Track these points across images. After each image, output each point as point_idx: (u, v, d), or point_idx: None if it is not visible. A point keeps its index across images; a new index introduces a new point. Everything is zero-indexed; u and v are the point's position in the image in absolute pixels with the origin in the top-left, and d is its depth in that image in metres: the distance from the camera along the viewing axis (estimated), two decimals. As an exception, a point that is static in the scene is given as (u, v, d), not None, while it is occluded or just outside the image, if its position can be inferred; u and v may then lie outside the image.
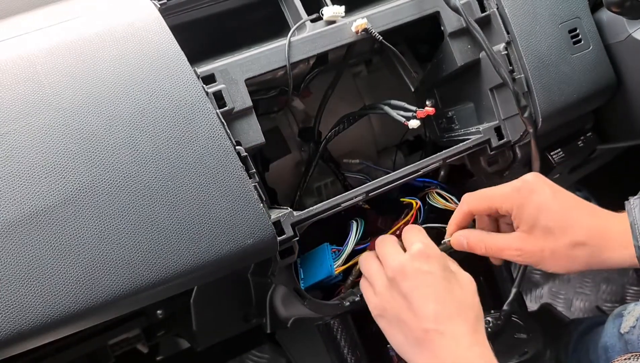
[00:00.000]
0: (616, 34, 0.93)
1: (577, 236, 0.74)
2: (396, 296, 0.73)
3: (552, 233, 0.74)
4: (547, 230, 0.74)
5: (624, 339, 0.93)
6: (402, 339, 0.72)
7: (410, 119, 0.85)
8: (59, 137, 0.71)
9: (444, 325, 0.69)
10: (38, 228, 0.68)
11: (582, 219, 0.75)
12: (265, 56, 0.82)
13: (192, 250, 0.73)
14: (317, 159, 0.97)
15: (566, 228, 0.74)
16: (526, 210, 0.75)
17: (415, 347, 0.71)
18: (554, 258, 0.74)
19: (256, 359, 1.53)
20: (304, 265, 0.88)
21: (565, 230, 0.74)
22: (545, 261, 0.75)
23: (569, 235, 0.74)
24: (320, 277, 0.86)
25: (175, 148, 0.74)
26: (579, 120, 1.00)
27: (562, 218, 0.75)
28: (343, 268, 0.87)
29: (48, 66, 0.74)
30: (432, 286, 0.72)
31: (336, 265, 0.86)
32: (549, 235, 0.74)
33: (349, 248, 0.87)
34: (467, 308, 0.71)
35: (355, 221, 0.89)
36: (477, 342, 0.69)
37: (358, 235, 0.88)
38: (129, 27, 0.78)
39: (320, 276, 0.86)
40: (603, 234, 0.74)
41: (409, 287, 0.72)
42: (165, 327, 1.19)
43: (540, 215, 0.75)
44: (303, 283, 0.86)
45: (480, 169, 0.95)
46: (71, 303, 0.69)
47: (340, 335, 0.95)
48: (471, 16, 0.89)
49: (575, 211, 0.76)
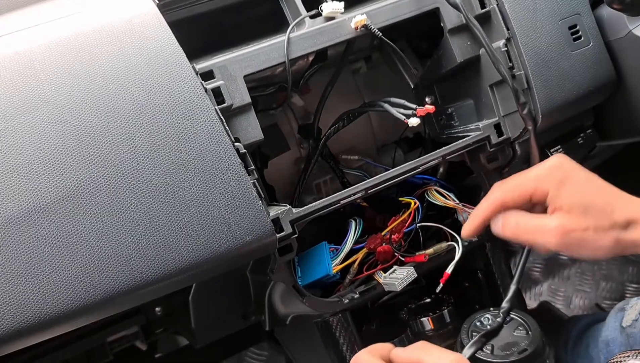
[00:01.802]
0: (616, 31, 0.93)
1: (623, 214, 0.70)
2: None
3: (596, 211, 0.70)
4: (590, 208, 0.70)
5: (626, 332, 0.93)
6: None
7: (410, 117, 0.85)
8: (57, 134, 0.71)
9: None
10: (36, 225, 0.68)
11: (624, 198, 0.72)
12: (264, 52, 0.82)
13: (191, 247, 0.72)
14: (317, 157, 0.96)
15: (611, 205, 0.71)
16: (566, 188, 0.72)
17: None
18: (597, 238, 0.70)
19: (255, 356, 1.53)
20: (302, 264, 0.88)
21: (609, 208, 0.71)
22: (587, 242, 0.70)
23: (616, 213, 0.70)
24: (318, 276, 0.86)
25: (173, 145, 0.73)
26: (579, 117, 1.00)
27: (605, 196, 0.72)
28: (341, 267, 0.86)
29: (46, 62, 0.73)
30: None
31: (334, 264, 0.86)
32: (593, 212, 0.70)
33: (347, 247, 0.87)
34: None
35: (354, 221, 0.88)
36: None
37: (357, 234, 0.88)
38: (128, 23, 0.77)
39: (318, 275, 0.86)
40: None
41: None
42: (163, 324, 1.19)
43: (582, 191, 0.71)
44: (300, 282, 0.86)
45: (479, 166, 0.95)
46: (70, 300, 0.68)
47: (339, 332, 0.95)
48: (471, 12, 0.89)
49: (615, 191, 0.73)
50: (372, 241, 0.89)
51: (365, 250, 0.89)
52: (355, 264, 0.88)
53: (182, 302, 1.01)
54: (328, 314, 0.92)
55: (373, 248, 0.89)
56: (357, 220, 0.89)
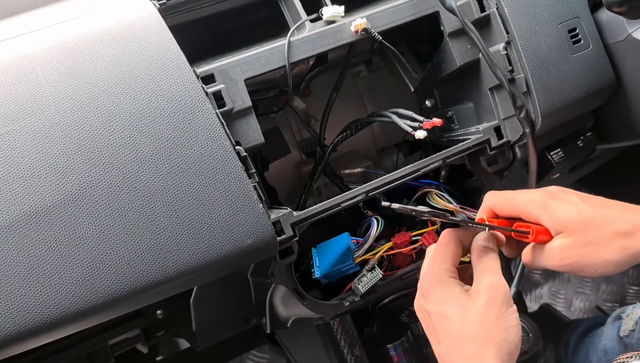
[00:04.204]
0: (616, 34, 0.93)
1: (625, 222, 0.68)
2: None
3: (594, 224, 0.68)
4: (587, 223, 0.68)
5: (624, 342, 0.93)
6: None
7: (417, 129, 0.85)
8: (58, 137, 0.71)
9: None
10: (37, 228, 0.68)
11: (625, 207, 0.71)
12: (265, 56, 0.82)
13: (192, 250, 0.73)
14: (323, 164, 0.96)
15: (610, 217, 0.69)
16: (560, 208, 0.70)
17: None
18: (601, 251, 0.67)
19: (256, 359, 1.53)
20: (321, 253, 0.88)
21: (609, 220, 0.68)
22: (592, 258, 0.67)
23: (617, 223, 0.68)
24: (339, 265, 0.86)
25: (174, 148, 0.74)
26: (579, 120, 1.00)
27: (602, 209, 0.70)
28: (361, 259, 0.87)
29: (47, 66, 0.74)
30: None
31: (356, 255, 0.87)
32: (591, 226, 0.68)
33: (370, 240, 0.88)
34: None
35: (376, 219, 0.89)
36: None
37: (379, 230, 0.89)
38: (129, 27, 0.78)
39: (340, 264, 0.86)
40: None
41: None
42: (165, 327, 1.19)
43: (577, 208, 0.69)
44: (319, 270, 0.86)
45: (480, 169, 0.95)
46: (71, 304, 0.69)
47: (340, 335, 0.95)
48: (470, 16, 0.89)
49: (612, 205, 0.71)
50: (400, 237, 0.90)
51: (390, 244, 0.90)
52: (376, 256, 0.89)
53: (183, 305, 1.01)
54: (329, 317, 0.93)
55: (400, 244, 0.90)
56: (379, 219, 0.89)
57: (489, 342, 0.65)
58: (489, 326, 0.66)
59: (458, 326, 0.66)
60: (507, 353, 0.65)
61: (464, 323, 0.66)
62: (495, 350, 0.65)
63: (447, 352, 0.67)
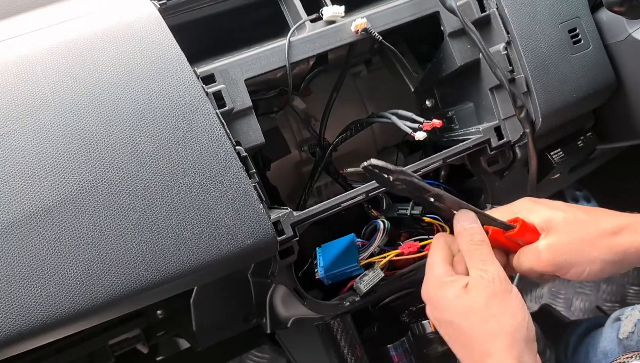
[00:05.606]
0: (616, 34, 0.93)
1: (610, 222, 0.68)
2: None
3: (579, 223, 0.68)
4: (572, 222, 0.68)
5: (623, 345, 0.93)
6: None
7: (417, 130, 0.85)
8: (59, 137, 0.71)
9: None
10: (38, 229, 0.68)
11: (609, 212, 0.70)
12: (265, 56, 0.82)
13: (192, 250, 0.73)
14: (323, 165, 0.96)
15: (596, 218, 0.68)
16: (546, 209, 0.70)
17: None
18: (587, 249, 0.66)
19: (256, 359, 1.53)
20: (325, 253, 0.87)
21: (594, 220, 0.68)
22: (577, 255, 0.67)
23: (602, 223, 0.68)
24: (344, 266, 0.86)
25: (175, 148, 0.74)
26: (579, 120, 1.00)
27: (587, 212, 0.69)
28: (366, 262, 0.87)
29: (47, 66, 0.74)
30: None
31: (361, 258, 0.86)
32: (576, 225, 0.67)
33: (376, 243, 0.87)
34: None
35: (382, 222, 0.89)
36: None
37: (386, 232, 0.88)
38: (129, 27, 0.78)
39: (344, 265, 0.86)
40: (632, 226, 0.68)
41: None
42: (165, 327, 1.19)
43: (563, 209, 0.69)
44: (322, 270, 0.86)
45: (480, 169, 0.95)
46: (71, 304, 0.69)
47: (340, 335, 0.95)
48: (470, 16, 0.89)
49: (597, 209, 0.71)
50: (407, 247, 0.88)
51: (397, 251, 0.88)
52: (382, 262, 0.88)
53: (183, 305, 1.01)
54: (329, 317, 0.92)
55: (407, 253, 0.88)
56: (385, 222, 0.89)
57: (499, 336, 0.64)
58: (495, 320, 0.65)
59: (464, 329, 0.66)
60: (524, 340, 0.64)
61: (469, 324, 0.66)
62: (509, 341, 0.64)
63: (462, 355, 0.67)
